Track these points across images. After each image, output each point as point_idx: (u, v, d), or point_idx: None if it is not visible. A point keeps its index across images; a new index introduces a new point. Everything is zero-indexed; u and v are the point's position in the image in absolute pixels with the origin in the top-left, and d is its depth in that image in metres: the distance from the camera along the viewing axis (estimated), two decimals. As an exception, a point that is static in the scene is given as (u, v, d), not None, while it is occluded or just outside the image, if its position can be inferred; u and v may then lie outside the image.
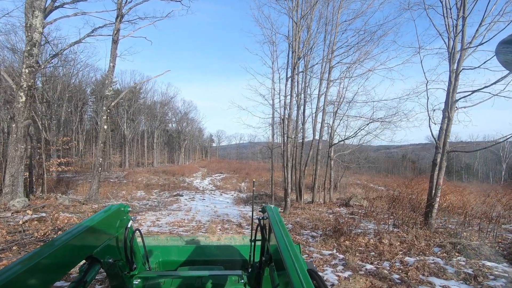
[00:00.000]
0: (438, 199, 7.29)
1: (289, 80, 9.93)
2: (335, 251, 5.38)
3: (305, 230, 7.21)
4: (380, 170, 48.41)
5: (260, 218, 1.65)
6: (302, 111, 15.21)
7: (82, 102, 32.28)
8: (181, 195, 20.31)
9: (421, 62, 6.77)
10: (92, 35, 13.74)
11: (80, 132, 32.14)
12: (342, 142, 12.62)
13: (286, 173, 9.78)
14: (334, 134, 12.47)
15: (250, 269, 1.83)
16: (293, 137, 10.27)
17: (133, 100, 36.28)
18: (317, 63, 11.86)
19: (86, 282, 1.11)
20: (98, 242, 1.24)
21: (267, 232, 1.51)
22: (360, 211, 10.06)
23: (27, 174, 10.17)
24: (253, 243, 1.78)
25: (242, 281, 1.69)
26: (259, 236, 1.72)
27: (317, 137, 14.41)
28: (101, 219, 1.30)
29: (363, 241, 5.87)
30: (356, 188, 28.16)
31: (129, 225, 1.56)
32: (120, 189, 21.00)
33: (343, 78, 12.22)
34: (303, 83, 14.60)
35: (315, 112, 14.66)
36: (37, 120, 25.08)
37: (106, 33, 13.55)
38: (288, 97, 9.82)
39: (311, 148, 14.70)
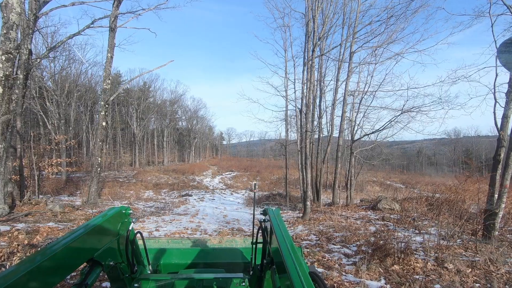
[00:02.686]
0: (503, 206, 5.66)
1: (307, 64, 8.41)
2: (383, 281, 3.88)
3: (333, 244, 5.72)
4: (394, 166, 46.08)
5: (262, 220, 1.61)
6: (318, 104, 13.64)
7: (92, 101, 31.55)
8: (190, 195, 19.11)
9: (491, 25, 5.03)
10: (92, 27, 12.56)
11: (91, 132, 31.46)
12: (365, 137, 10.98)
13: (304, 173, 8.29)
14: (357, 128, 10.87)
15: (251, 272, 1.72)
16: (312, 131, 8.79)
17: (142, 98, 35.39)
18: (336, 46, 10.22)
19: (87, 285, 1.08)
20: (99, 245, 1.21)
21: (269, 235, 1.46)
22: (391, 216, 8.47)
23: (18, 177, 9.06)
24: (254, 246, 1.70)
25: (244, 284, 1.63)
26: (260, 239, 1.63)
27: (335, 131, 12.84)
28: (102, 222, 1.26)
29: (418, 264, 4.34)
30: (373, 185, 26.32)
31: (130, 228, 1.51)
32: (128, 189, 19.99)
33: (366, 64, 10.56)
34: (319, 74, 13.02)
35: (333, 104, 13.07)
36: (46, 120, 24.44)
37: (107, 25, 12.30)
38: (307, 84, 8.29)
39: (328, 144, 13.13)
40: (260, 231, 1.63)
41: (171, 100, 41.72)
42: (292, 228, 7.55)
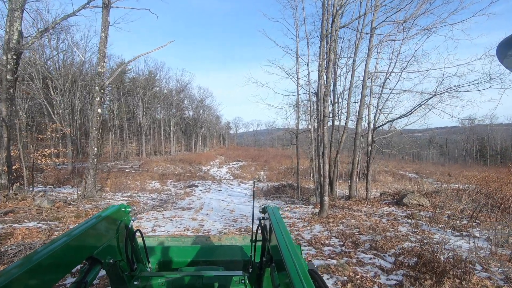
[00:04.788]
0: None
1: (325, 39, 7.11)
2: (448, 317, 2.78)
3: (363, 252, 4.62)
4: (404, 155, 44.26)
5: (261, 218, 1.59)
6: (331, 89, 12.33)
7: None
8: (196, 186, 18.24)
9: None
10: (87, 7, 11.39)
11: (97, 121, 30.73)
12: (387, 124, 9.68)
13: (322, 164, 7.15)
14: (378, 114, 9.56)
15: (250, 270, 1.72)
16: (331, 116, 7.60)
17: (148, 87, 34.34)
18: (356, 18, 8.77)
19: (86, 282, 1.08)
20: (99, 243, 1.20)
21: (268, 232, 1.45)
22: (421, 213, 7.30)
23: (6, 168, 8.19)
24: (253, 244, 1.69)
25: (243, 281, 1.64)
26: (259, 237, 1.64)
27: (352, 118, 11.57)
28: (102, 220, 1.25)
29: (487, 289, 3.21)
30: (385, 175, 24.99)
31: (129, 226, 1.51)
32: (133, 179, 19.24)
33: (391, 40, 9.17)
34: (333, 54, 11.63)
35: (349, 88, 11.75)
36: (50, 110, 23.73)
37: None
38: (325, 62, 7.04)
39: (344, 132, 11.88)
40: (260, 229, 1.61)
41: (177, 89, 40.60)
42: (308, 227, 6.48)
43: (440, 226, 6.39)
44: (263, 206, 1.66)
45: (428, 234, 5.80)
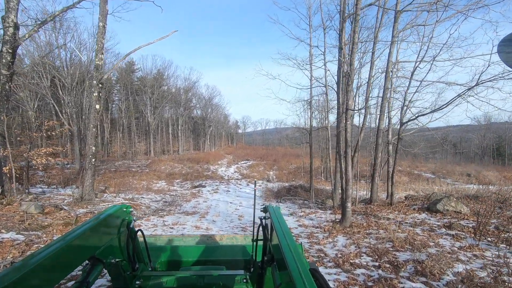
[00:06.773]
0: None
1: (347, 20, 6.06)
2: None
3: (408, 279, 3.57)
4: (416, 154, 42.33)
5: (262, 217, 1.57)
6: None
7: (107, 90, 30.27)
8: (204, 186, 17.39)
9: None
10: (88, -1, 10.69)
11: (105, 121, 30.32)
12: (414, 119, 8.51)
13: (344, 165, 6.10)
14: (405, 108, 8.42)
15: (252, 269, 1.70)
16: (357, 109, 6.52)
17: (156, 86, 33.74)
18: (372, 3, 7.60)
19: (89, 282, 1.06)
20: (101, 243, 1.19)
21: (269, 232, 1.45)
22: (461, 222, 6.16)
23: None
24: (255, 243, 1.67)
25: (245, 280, 1.60)
26: (261, 236, 1.58)
27: (371, 115, 10.48)
28: (103, 220, 1.23)
29: None
30: (400, 175, 23.60)
31: (131, 225, 1.49)
32: (140, 179, 18.53)
33: (415, 25, 8.02)
34: (357, 37, 10.53)
35: (367, 81, 10.60)
36: (58, 111, 23.31)
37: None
38: (347, 47, 5.99)
39: (361, 130, 10.74)
40: (261, 228, 1.58)
41: (185, 88, 39.87)
42: (329, 239, 5.46)
43: (488, 239, 5.26)
44: (264, 206, 1.63)
45: (480, 250, 4.71)
